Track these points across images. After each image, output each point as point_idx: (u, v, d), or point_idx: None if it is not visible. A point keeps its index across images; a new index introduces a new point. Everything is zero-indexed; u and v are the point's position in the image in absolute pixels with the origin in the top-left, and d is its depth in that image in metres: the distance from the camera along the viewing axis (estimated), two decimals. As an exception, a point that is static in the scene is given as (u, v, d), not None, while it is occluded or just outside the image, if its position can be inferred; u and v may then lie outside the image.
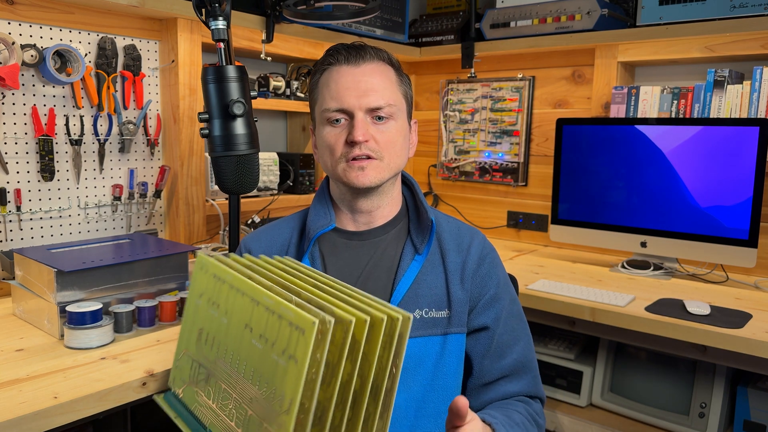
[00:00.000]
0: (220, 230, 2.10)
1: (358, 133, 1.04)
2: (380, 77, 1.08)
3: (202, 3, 1.25)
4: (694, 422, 1.80)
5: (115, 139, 1.87)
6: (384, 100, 1.06)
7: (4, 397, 1.07)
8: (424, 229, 1.12)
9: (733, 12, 1.94)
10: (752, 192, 1.86)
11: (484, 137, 2.70)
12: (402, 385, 1.05)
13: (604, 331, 1.81)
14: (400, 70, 1.13)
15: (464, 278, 1.10)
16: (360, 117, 1.06)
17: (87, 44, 1.78)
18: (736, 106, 1.98)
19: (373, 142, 1.06)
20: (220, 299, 0.77)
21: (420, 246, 1.11)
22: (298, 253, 1.14)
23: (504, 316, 1.13)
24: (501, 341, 1.12)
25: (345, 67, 1.08)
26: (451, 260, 1.11)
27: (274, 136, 2.51)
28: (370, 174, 1.06)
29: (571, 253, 2.41)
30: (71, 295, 1.36)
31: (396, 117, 1.09)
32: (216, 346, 0.76)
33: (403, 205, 1.18)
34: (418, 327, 1.07)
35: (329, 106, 1.07)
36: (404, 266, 1.09)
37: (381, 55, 1.10)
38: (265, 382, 0.68)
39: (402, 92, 1.11)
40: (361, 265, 1.12)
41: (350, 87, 1.06)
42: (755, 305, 1.73)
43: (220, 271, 0.77)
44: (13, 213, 1.67)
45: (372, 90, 1.06)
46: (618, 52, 2.25)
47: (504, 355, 1.12)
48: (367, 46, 1.11)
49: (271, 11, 2.01)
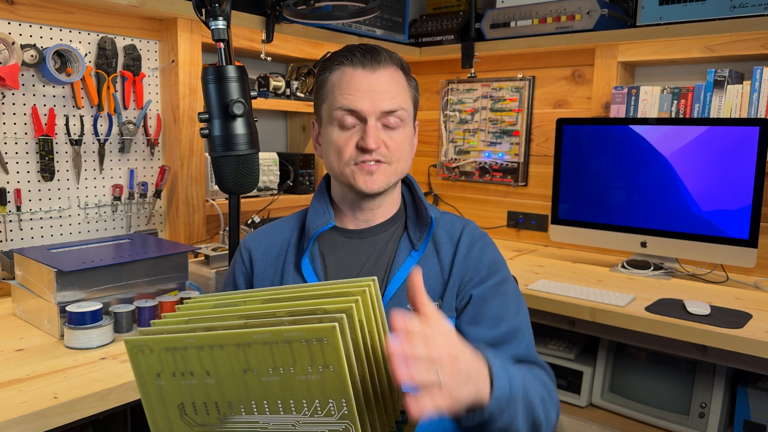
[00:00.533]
0: (220, 230, 2.10)
1: (371, 140, 1.04)
2: (393, 83, 1.07)
3: (202, 3, 1.24)
4: (694, 422, 1.80)
5: (115, 139, 1.86)
6: (397, 104, 1.07)
7: (4, 397, 1.07)
8: (422, 226, 1.12)
9: (733, 12, 1.94)
10: (752, 192, 1.86)
11: (484, 137, 2.70)
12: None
13: (604, 331, 1.81)
14: (409, 74, 1.13)
15: (455, 264, 1.10)
16: (372, 123, 1.06)
17: (87, 44, 1.78)
18: (736, 106, 1.98)
19: (384, 148, 1.07)
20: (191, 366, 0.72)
21: (417, 243, 1.11)
22: (298, 252, 1.14)
23: (496, 291, 1.09)
24: (491, 313, 1.07)
25: (360, 70, 1.07)
26: (445, 252, 1.11)
27: (274, 136, 2.51)
28: (378, 179, 1.07)
29: (571, 253, 2.41)
30: (71, 295, 1.36)
31: (405, 123, 1.09)
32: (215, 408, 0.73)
33: (401, 202, 1.18)
34: None
35: (342, 105, 1.06)
36: (399, 261, 1.10)
37: (394, 59, 1.10)
38: (302, 402, 0.68)
39: (411, 97, 1.12)
40: (360, 262, 1.12)
41: (364, 91, 1.06)
42: (755, 305, 1.73)
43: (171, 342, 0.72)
44: (13, 213, 1.67)
45: (386, 96, 1.06)
46: (618, 52, 2.25)
47: (494, 326, 1.06)
48: (381, 49, 1.10)
49: (271, 11, 2.01)
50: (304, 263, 1.11)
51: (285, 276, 1.13)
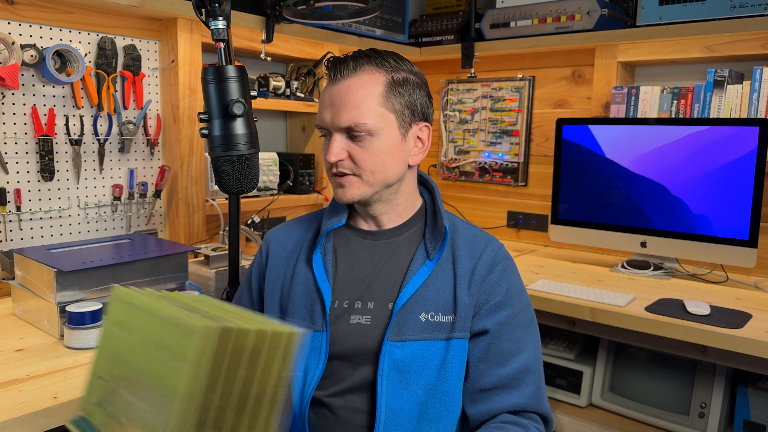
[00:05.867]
0: (220, 230, 2.10)
1: (331, 154, 1.06)
2: (357, 93, 1.04)
3: (202, 3, 1.24)
4: (694, 422, 1.80)
5: (115, 139, 1.87)
6: (357, 119, 1.03)
7: (4, 397, 1.07)
8: (438, 235, 1.11)
9: (733, 12, 1.94)
10: (752, 192, 1.86)
11: (484, 137, 2.70)
12: (405, 388, 1.05)
13: (604, 331, 1.81)
14: (396, 76, 1.07)
15: (472, 283, 1.09)
16: (336, 135, 1.06)
17: (87, 44, 1.78)
18: (736, 106, 1.98)
19: (349, 161, 1.06)
20: (131, 322, 0.80)
21: (432, 252, 1.10)
22: (311, 247, 1.15)
23: (509, 324, 1.08)
24: (502, 348, 1.07)
25: (330, 82, 1.08)
26: (462, 266, 1.09)
27: (274, 136, 2.51)
28: (347, 191, 1.08)
29: (571, 253, 2.41)
30: (71, 295, 1.36)
31: (377, 133, 1.05)
32: (123, 365, 0.79)
33: (421, 208, 1.17)
34: (423, 330, 1.06)
35: (317, 121, 1.10)
36: (414, 269, 1.09)
37: (371, 63, 1.06)
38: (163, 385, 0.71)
39: (390, 105, 1.05)
40: (371, 262, 1.12)
41: (327, 104, 1.07)
42: (755, 305, 1.73)
43: (133, 298, 0.80)
44: (13, 213, 1.67)
45: (345, 109, 1.04)
46: (618, 52, 2.25)
47: (504, 363, 1.07)
48: (357, 55, 1.07)
49: (271, 11, 2.01)
50: (315, 257, 1.12)
51: (297, 269, 1.14)
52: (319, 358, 1.08)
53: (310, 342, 1.09)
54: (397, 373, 1.05)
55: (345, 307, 1.10)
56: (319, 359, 1.08)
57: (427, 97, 1.12)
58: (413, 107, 1.09)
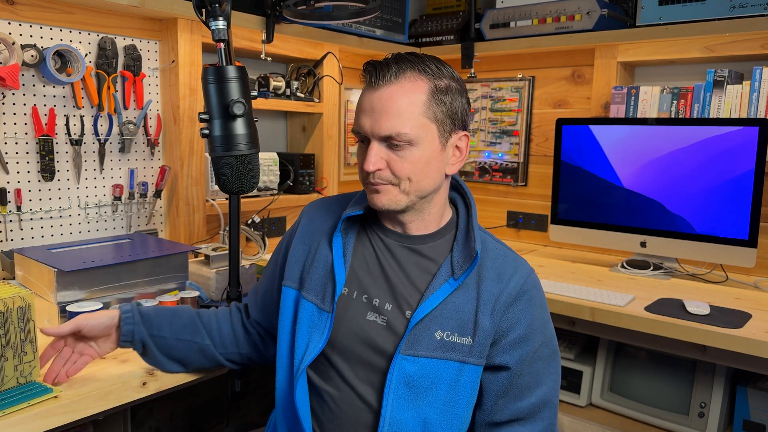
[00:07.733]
0: (220, 230, 2.10)
1: (369, 163, 1.03)
2: (400, 101, 1.01)
3: (202, 3, 1.24)
4: (693, 422, 1.80)
5: (116, 139, 1.87)
6: (398, 129, 1.01)
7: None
8: (467, 257, 1.07)
9: (733, 12, 1.94)
10: (752, 192, 1.86)
11: (484, 137, 2.70)
12: (412, 402, 1.04)
13: (604, 331, 1.81)
14: (439, 84, 1.04)
15: (495, 309, 1.05)
16: (374, 144, 1.03)
17: (87, 44, 1.78)
18: (736, 106, 1.98)
19: (387, 171, 1.04)
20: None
21: (458, 272, 1.06)
22: (335, 229, 1.15)
23: (530, 359, 1.06)
24: (521, 383, 1.06)
25: (368, 88, 1.04)
26: (487, 288, 1.06)
27: (274, 136, 2.51)
28: (383, 199, 1.05)
29: (571, 253, 2.41)
30: (71, 295, 1.36)
31: (417, 142, 1.02)
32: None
33: (452, 220, 1.14)
34: (437, 348, 1.04)
35: (354, 126, 1.07)
36: (436, 285, 1.06)
37: (414, 68, 1.02)
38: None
39: (431, 114, 1.03)
40: (393, 263, 1.11)
41: (366, 110, 1.03)
42: (755, 305, 1.74)
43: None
44: (13, 213, 1.67)
45: (385, 118, 1.01)
46: (618, 52, 2.25)
47: (521, 398, 1.05)
48: (399, 59, 1.04)
49: (271, 11, 2.01)
50: (336, 241, 1.13)
51: (320, 247, 1.14)
52: (321, 336, 1.08)
53: (318, 319, 1.10)
54: (405, 388, 1.03)
55: (364, 302, 1.09)
56: (321, 337, 1.08)
57: (467, 104, 1.09)
58: (454, 116, 1.06)
